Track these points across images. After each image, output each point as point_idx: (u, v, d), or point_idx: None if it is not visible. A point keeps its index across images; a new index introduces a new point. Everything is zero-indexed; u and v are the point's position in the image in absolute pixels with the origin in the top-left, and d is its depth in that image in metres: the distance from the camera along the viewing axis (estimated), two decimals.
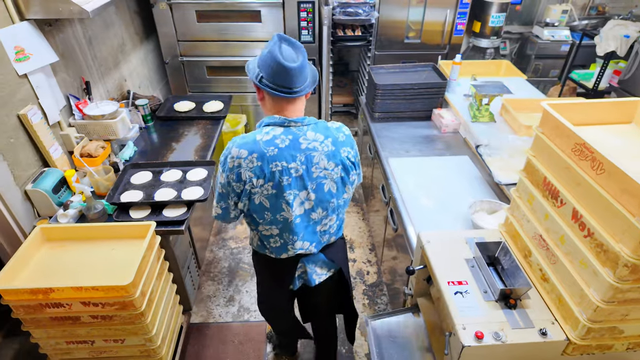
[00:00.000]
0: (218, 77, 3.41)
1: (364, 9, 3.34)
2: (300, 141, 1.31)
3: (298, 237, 1.40)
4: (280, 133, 1.30)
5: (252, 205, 1.35)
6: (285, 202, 1.32)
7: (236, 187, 1.32)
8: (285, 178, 1.29)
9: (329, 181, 1.36)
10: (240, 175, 1.29)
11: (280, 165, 1.28)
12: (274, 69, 1.25)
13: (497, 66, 3.34)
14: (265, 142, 1.28)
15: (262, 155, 1.27)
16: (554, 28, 4.32)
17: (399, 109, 2.66)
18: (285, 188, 1.30)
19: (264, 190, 1.30)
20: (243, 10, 3.07)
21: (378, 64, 3.85)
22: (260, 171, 1.27)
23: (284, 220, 1.37)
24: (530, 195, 1.32)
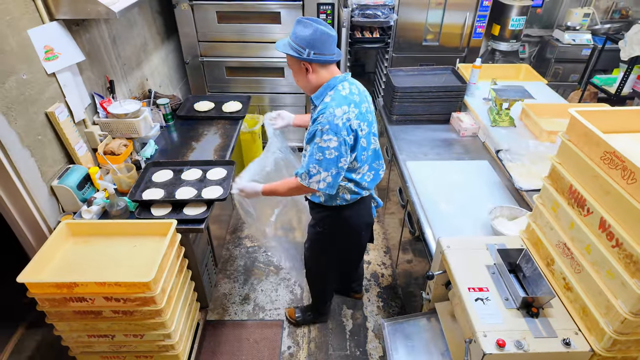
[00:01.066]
0: (237, 78, 3.44)
1: (383, 11, 3.33)
2: (359, 87, 1.64)
3: (381, 159, 1.77)
4: (349, 85, 1.58)
5: (357, 150, 1.58)
6: (373, 134, 1.66)
7: (349, 140, 1.52)
8: (369, 115, 1.62)
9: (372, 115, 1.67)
10: (351, 126, 1.51)
11: (364, 107, 1.59)
12: (325, 41, 1.48)
13: (516, 70, 3.31)
14: (350, 94, 1.55)
15: (355, 103, 1.54)
16: (575, 32, 4.25)
17: (417, 111, 2.65)
18: (371, 122, 1.64)
19: (364, 130, 1.58)
20: (263, 12, 3.10)
21: (395, 66, 3.85)
22: (361, 115, 1.56)
23: (373, 151, 1.69)
24: (554, 202, 1.31)
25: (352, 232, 1.85)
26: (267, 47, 3.26)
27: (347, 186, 1.68)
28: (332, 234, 1.85)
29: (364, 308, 2.37)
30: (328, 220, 1.81)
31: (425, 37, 3.74)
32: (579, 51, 4.28)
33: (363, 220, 1.84)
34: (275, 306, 2.35)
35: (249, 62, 3.33)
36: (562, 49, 4.27)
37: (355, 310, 2.36)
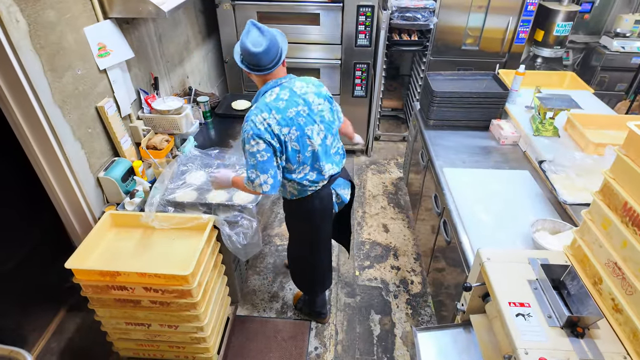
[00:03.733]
0: None
1: (423, 14, 3.29)
2: (294, 90, 1.64)
3: (326, 161, 1.75)
4: (279, 91, 1.62)
5: (287, 154, 1.63)
6: (308, 136, 1.65)
7: (274, 143, 1.57)
8: (300, 119, 1.62)
9: (326, 112, 1.72)
10: (273, 130, 1.56)
11: (292, 111, 1.60)
12: (246, 54, 1.56)
13: (560, 78, 3.19)
14: (274, 100, 1.59)
15: (278, 109, 1.57)
16: (625, 39, 4.05)
17: (456, 117, 2.60)
18: (304, 126, 1.63)
19: (292, 135, 1.61)
20: (302, 13, 3.12)
21: (433, 69, 3.79)
22: (283, 121, 1.57)
23: (311, 153, 1.70)
24: (605, 219, 1.25)
25: (307, 218, 1.89)
26: (305, 48, 3.28)
27: (290, 185, 1.77)
28: (291, 221, 2.00)
29: (392, 314, 2.34)
30: (286, 207, 1.94)
31: (465, 41, 3.66)
32: (628, 59, 4.08)
33: (316, 208, 1.85)
34: None
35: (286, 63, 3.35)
36: (610, 57, 4.08)
37: (384, 316, 2.34)
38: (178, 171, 2.10)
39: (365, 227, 2.99)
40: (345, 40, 3.18)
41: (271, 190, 1.62)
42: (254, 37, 1.54)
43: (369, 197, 3.33)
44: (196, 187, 2.01)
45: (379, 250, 2.79)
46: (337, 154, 1.85)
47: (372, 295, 2.45)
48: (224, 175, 1.80)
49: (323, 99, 1.71)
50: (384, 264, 2.67)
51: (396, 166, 3.74)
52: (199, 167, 2.15)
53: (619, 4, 4.35)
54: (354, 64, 3.28)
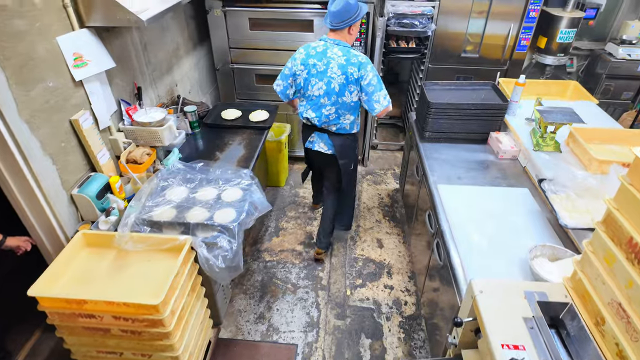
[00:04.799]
0: (266, 86, 3.38)
1: (421, 21, 3.18)
2: (327, 51, 2.16)
3: (310, 107, 2.31)
4: (320, 44, 2.20)
5: (297, 84, 2.28)
6: (310, 84, 2.22)
7: (290, 66, 2.28)
8: (313, 70, 2.18)
9: (335, 81, 2.16)
10: (296, 59, 2.25)
11: (313, 60, 2.18)
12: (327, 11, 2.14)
13: (563, 87, 3.07)
14: (312, 47, 2.21)
15: (307, 53, 2.21)
16: (631, 46, 3.92)
17: (453, 129, 2.49)
18: (312, 75, 2.20)
19: (302, 73, 2.22)
20: (295, 20, 3.02)
21: (431, 77, 3.68)
22: (304, 61, 2.21)
23: (307, 96, 2.28)
24: (608, 253, 1.13)
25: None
26: None
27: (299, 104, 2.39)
28: None
29: (383, 338, 2.23)
30: None
31: (465, 48, 3.55)
32: (634, 67, 3.95)
33: (302, 137, 2.55)
34: (290, 328, 2.25)
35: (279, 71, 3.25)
36: (615, 64, 3.95)
37: (374, 340, 2.22)
38: (158, 187, 2.00)
39: (359, 243, 2.88)
40: None
41: (279, 93, 2.39)
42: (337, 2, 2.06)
43: (364, 209, 3.21)
44: (176, 205, 1.91)
45: (372, 267, 2.67)
46: (327, 117, 2.29)
47: (364, 317, 2.33)
48: None
49: (342, 73, 2.13)
50: (376, 283, 2.55)
51: (393, 177, 3.62)
52: (181, 183, 2.05)
53: (625, 10, 4.22)
54: None
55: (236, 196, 2.00)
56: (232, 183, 2.08)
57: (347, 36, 2.18)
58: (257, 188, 2.08)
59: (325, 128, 2.35)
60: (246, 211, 1.88)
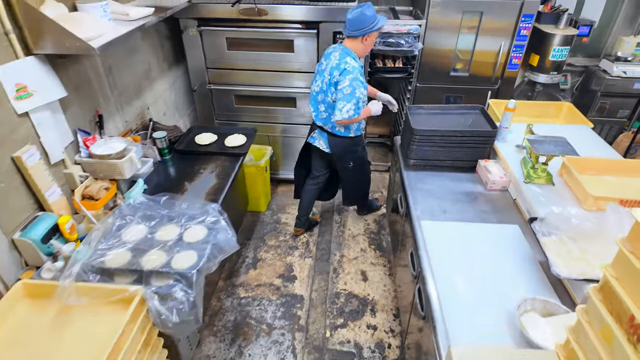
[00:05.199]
0: (246, 107, 3.23)
1: (407, 40, 3.05)
2: (331, 54, 2.35)
3: (310, 101, 2.53)
4: (334, 46, 2.40)
5: None
6: (315, 78, 2.47)
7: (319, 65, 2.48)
8: (320, 68, 2.41)
9: (324, 80, 2.36)
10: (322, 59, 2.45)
11: (322, 61, 2.42)
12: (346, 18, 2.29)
13: (556, 109, 2.93)
14: (328, 48, 2.44)
15: (325, 52, 2.44)
16: (627, 63, 3.80)
17: (438, 157, 2.33)
18: (317, 72, 2.45)
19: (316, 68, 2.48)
20: (275, 40, 2.88)
21: (420, 96, 3.54)
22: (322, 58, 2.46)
23: (312, 90, 2.52)
24: (606, 327, 0.96)
25: None
26: (280, 76, 3.04)
27: None
28: None
29: None
30: None
31: (454, 67, 3.42)
32: (630, 85, 3.82)
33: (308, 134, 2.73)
34: None
35: (259, 92, 3.11)
36: (611, 82, 3.82)
37: None
38: (113, 226, 1.82)
39: (341, 275, 2.71)
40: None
41: None
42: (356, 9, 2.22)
43: (348, 237, 3.04)
44: (131, 247, 1.74)
45: (355, 303, 2.49)
46: (322, 113, 2.49)
47: None
48: None
49: (329, 74, 2.31)
50: (359, 322, 2.37)
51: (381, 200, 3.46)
52: (140, 220, 1.88)
53: (619, 26, 4.11)
54: None
55: (199, 236, 1.83)
56: (197, 220, 1.91)
57: (360, 45, 2.31)
58: (226, 224, 1.91)
59: (322, 126, 2.52)
60: (207, 255, 1.70)
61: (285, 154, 3.46)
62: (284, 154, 3.46)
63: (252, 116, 3.26)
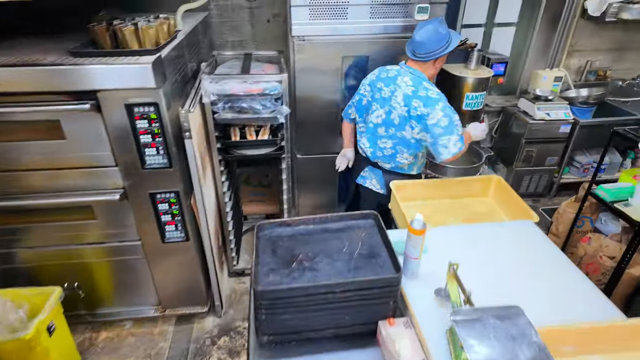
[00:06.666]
0: (13, 227, 1.96)
1: (264, 103, 2.03)
2: (397, 78, 1.93)
3: (366, 135, 2.11)
4: (394, 69, 1.97)
5: (358, 103, 2.09)
6: (371, 109, 2.03)
7: (361, 89, 2.07)
8: (377, 94, 1.99)
9: (395, 112, 1.94)
10: (366, 82, 2.05)
11: (380, 84, 1.97)
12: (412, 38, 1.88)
13: (483, 185, 2.10)
14: (386, 70, 1.99)
15: (378, 75, 2.01)
16: (549, 103, 3.18)
17: (309, 324, 1.29)
18: (375, 100, 2.01)
19: (368, 95, 2.03)
20: (28, 122, 1.69)
21: (303, 173, 2.56)
22: (372, 83, 2.01)
23: (366, 122, 2.08)
24: None
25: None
26: (54, 175, 1.82)
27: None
28: None
29: None
30: None
31: None
32: (555, 129, 3.20)
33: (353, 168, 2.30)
34: None
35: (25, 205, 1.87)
36: (534, 127, 3.17)
37: None
38: None
39: None
40: (124, 159, 1.79)
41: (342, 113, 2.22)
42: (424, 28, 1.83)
43: None
44: None
45: None
46: (381, 150, 2.05)
47: None
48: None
49: (405, 105, 1.88)
50: None
51: None
52: None
53: (532, 58, 3.55)
54: (151, 195, 1.89)
55: None
56: None
57: (431, 69, 1.94)
58: None
59: (378, 164, 2.13)
60: None
61: (104, 282, 2.21)
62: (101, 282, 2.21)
63: (26, 240, 1.99)
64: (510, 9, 3.31)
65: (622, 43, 3.49)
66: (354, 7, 2.08)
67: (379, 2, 2.08)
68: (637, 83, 3.61)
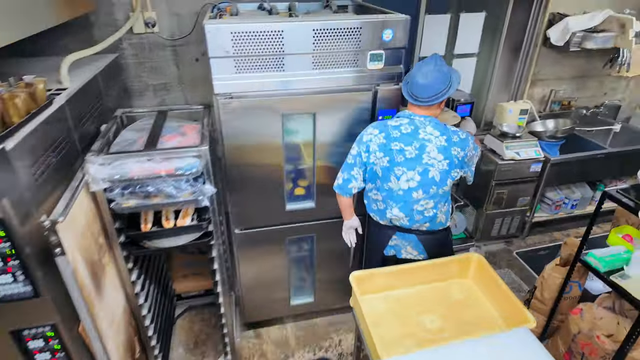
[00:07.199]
0: None
1: (179, 186, 1.54)
2: (418, 132, 1.67)
3: (396, 205, 1.74)
4: (406, 122, 1.70)
5: (369, 172, 1.76)
6: (394, 175, 1.69)
7: (364, 157, 1.73)
8: (399, 157, 1.67)
9: (435, 169, 1.67)
10: (369, 147, 1.71)
11: (398, 145, 1.67)
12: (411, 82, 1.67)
13: (461, 266, 1.72)
14: (393, 127, 1.70)
15: (387, 135, 1.69)
16: (517, 141, 2.90)
17: None
18: (397, 164, 1.68)
19: (381, 162, 1.70)
20: None
21: (243, 248, 2.08)
22: (383, 147, 1.68)
23: (388, 189, 1.73)
24: None
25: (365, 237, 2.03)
26: None
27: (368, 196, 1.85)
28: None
29: None
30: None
31: (292, 191, 2.05)
32: (525, 168, 2.92)
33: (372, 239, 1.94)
34: None
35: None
36: (505, 167, 2.88)
37: None
38: None
39: None
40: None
41: (337, 187, 1.80)
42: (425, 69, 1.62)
43: None
44: None
45: None
46: (421, 213, 1.75)
47: None
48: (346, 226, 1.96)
49: (446, 158, 1.67)
50: None
51: None
52: None
53: (495, 88, 3.29)
54: (15, 333, 1.33)
55: None
56: None
57: (437, 111, 1.73)
58: None
59: (412, 228, 1.80)
60: None
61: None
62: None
63: None
64: (471, 39, 3.03)
65: (584, 71, 3.31)
66: (291, 58, 1.65)
67: (322, 50, 1.66)
68: (600, 112, 3.44)
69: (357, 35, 1.66)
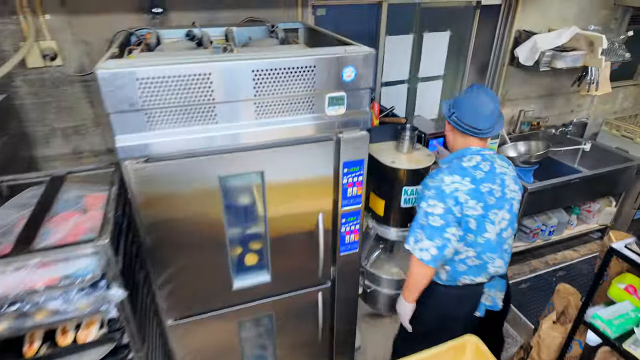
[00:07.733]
0: None
1: (69, 297, 1.08)
2: (494, 168, 1.53)
3: (496, 254, 1.56)
4: (480, 160, 1.52)
5: (465, 230, 1.48)
6: (489, 220, 1.50)
7: (456, 212, 1.45)
8: (491, 200, 1.50)
9: (516, 201, 1.58)
10: (458, 198, 1.45)
11: (487, 186, 1.49)
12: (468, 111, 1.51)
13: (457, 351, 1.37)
14: (473, 167, 1.50)
15: (473, 178, 1.48)
16: None
17: None
18: (490, 208, 1.50)
19: (475, 211, 1.47)
20: None
21: (180, 344, 1.62)
22: (475, 193, 1.47)
23: (485, 241, 1.52)
24: None
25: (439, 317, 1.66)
26: None
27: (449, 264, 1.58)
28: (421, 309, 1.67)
29: None
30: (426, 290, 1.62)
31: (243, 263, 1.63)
32: None
33: (450, 311, 1.64)
34: None
35: None
36: None
37: None
38: None
39: None
40: None
41: (431, 262, 1.47)
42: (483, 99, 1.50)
43: None
44: None
45: None
46: (507, 251, 1.62)
47: None
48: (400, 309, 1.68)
49: (518, 187, 1.60)
50: None
51: None
52: None
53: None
54: None
55: None
56: None
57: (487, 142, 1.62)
58: None
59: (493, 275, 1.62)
60: None
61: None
62: None
63: None
64: (436, 60, 2.76)
65: (552, 89, 3.15)
66: (226, 106, 1.24)
67: (266, 95, 1.27)
68: (569, 131, 3.30)
69: (311, 75, 1.29)
